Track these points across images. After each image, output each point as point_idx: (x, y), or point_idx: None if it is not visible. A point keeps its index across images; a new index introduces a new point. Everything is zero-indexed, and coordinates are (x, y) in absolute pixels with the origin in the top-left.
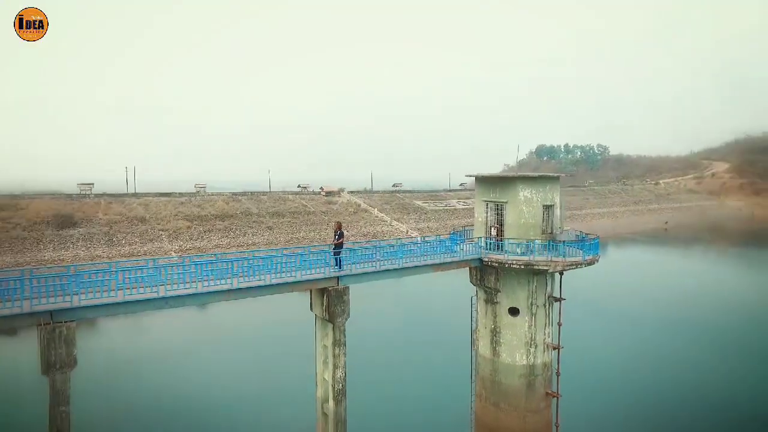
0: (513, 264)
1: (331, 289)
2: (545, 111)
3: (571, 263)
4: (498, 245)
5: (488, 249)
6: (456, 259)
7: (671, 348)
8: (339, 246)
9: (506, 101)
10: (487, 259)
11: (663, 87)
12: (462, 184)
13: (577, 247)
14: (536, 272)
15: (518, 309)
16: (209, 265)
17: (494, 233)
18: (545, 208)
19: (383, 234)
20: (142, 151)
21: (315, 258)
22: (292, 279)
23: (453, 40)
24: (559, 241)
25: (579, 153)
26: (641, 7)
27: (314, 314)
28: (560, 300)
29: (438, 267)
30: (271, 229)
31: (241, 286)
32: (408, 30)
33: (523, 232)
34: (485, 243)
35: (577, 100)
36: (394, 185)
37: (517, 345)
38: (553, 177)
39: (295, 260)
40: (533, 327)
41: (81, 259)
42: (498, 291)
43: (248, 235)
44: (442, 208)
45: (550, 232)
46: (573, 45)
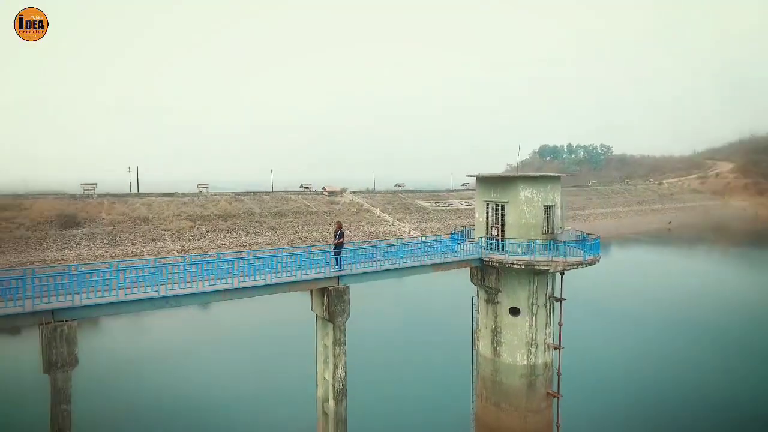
0: (514, 264)
1: (332, 289)
2: (545, 111)
3: (572, 263)
4: (499, 245)
5: (489, 249)
6: (456, 259)
7: (673, 348)
8: (339, 246)
9: (506, 101)
10: (488, 259)
11: (663, 87)
12: (464, 184)
13: (578, 247)
14: (537, 272)
15: (519, 309)
16: (210, 265)
17: (495, 233)
18: (546, 208)
19: (385, 234)
20: (143, 151)
21: (315, 258)
22: (293, 279)
23: (453, 40)
24: (560, 241)
25: (582, 153)
26: (641, 7)
27: (314, 314)
28: (561, 300)
29: (438, 267)
30: (274, 229)
31: (242, 286)
32: (408, 30)
33: (524, 232)
34: (486, 243)
35: (577, 100)
36: (397, 185)
37: (518, 345)
38: (554, 177)
39: (296, 260)
40: (534, 327)
41: (84, 259)
42: (499, 291)
43: (251, 235)
44: (445, 208)
45: (551, 232)
46: (573, 45)
